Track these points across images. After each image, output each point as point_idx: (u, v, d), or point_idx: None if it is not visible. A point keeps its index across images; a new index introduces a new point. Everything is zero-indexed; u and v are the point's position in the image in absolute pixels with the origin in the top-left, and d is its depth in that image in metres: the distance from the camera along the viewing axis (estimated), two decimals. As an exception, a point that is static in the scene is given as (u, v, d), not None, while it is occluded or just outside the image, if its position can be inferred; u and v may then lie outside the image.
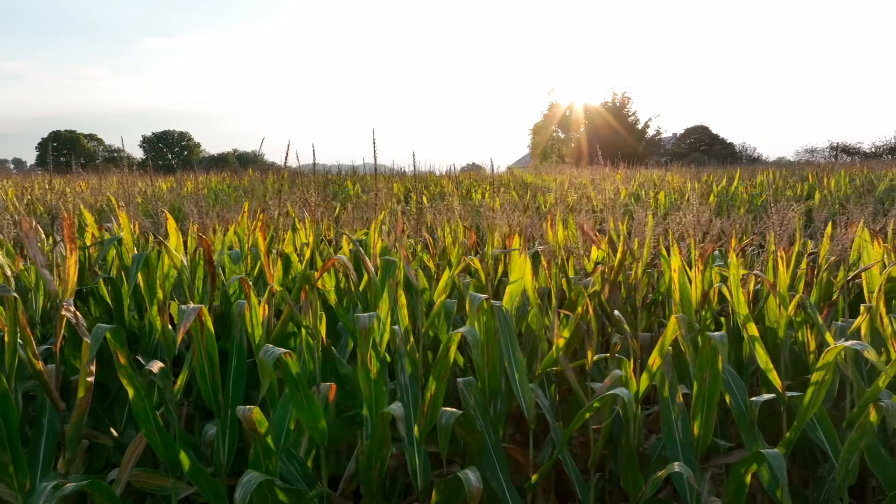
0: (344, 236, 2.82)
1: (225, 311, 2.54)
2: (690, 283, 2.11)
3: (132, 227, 2.60)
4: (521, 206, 7.71)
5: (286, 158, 2.51)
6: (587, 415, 1.85)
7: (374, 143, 2.07)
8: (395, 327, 2.02)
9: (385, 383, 1.92)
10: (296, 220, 2.97)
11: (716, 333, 1.81)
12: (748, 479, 1.87)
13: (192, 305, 1.76)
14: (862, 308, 2.09)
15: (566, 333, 2.04)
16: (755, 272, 2.12)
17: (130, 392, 1.86)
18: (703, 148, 41.60)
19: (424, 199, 7.86)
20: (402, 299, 2.13)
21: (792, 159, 34.73)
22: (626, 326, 2.00)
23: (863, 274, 2.57)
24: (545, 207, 7.68)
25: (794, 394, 2.07)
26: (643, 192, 8.36)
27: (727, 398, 2.13)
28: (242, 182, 11.32)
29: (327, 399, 2.17)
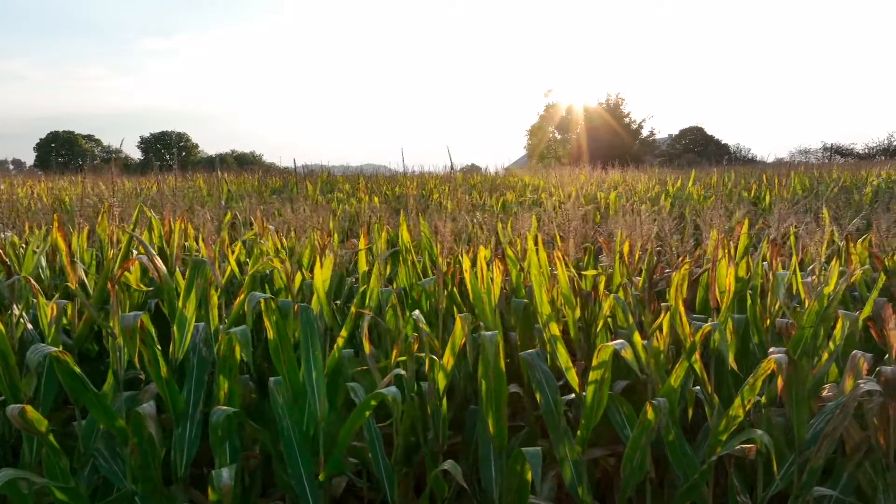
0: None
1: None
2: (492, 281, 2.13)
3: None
4: (472, 206, 7.79)
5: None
6: (367, 413, 1.88)
7: (174, 148, 2.10)
8: (201, 324, 2.05)
9: (177, 381, 1.94)
10: (156, 220, 3.02)
11: (487, 333, 1.83)
12: (528, 475, 1.89)
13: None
14: (662, 307, 2.10)
15: (344, 332, 2.07)
16: (554, 272, 2.13)
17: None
18: (697, 149, 41.46)
19: (376, 199, 7.91)
20: (215, 299, 2.15)
21: (787, 161, 34.57)
22: (422, 325, 2.03)
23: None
24: (497, 208, 7.75)
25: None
26: (599, 193, 8.41)
27: (538, 396, 2.16)
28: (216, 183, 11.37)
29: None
